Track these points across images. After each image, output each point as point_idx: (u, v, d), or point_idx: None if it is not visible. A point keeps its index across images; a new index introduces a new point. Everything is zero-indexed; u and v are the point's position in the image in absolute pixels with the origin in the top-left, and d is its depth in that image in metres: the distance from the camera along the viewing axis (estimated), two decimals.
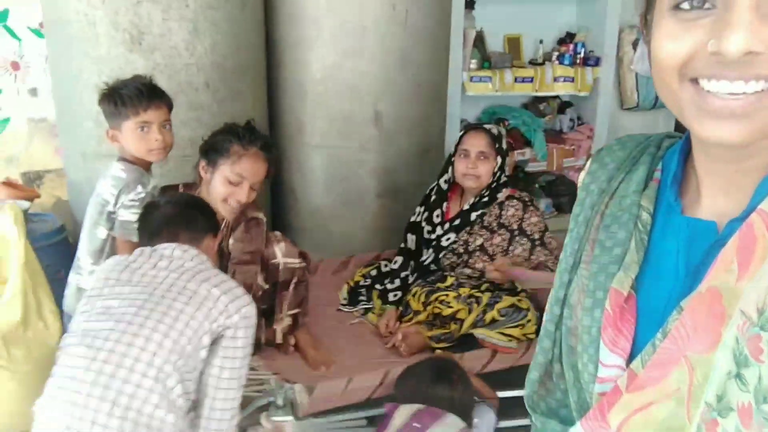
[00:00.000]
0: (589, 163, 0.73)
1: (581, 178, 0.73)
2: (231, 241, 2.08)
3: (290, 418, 1.64)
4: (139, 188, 1.91)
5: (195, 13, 2.43)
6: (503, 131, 2.54)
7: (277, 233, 2.23)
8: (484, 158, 2.38)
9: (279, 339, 2.12)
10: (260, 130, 2.12)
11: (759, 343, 0.49)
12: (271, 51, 2.88)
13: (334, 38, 2.71)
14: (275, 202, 3.11)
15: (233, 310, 1.42)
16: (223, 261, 2.09)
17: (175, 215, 1.57)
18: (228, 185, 1.95)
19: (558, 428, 0.73)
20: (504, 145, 2.44)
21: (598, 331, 0.63)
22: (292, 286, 2.17)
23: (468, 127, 2.56)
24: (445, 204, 2.52)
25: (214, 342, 1.43)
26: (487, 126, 2.49)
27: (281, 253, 2.16)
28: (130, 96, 1.90)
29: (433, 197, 2.55)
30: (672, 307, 0.57)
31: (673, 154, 0.66)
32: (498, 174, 2.41)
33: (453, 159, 2.47)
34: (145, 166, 2.00)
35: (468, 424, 1.66)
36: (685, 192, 0.63)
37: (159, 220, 1.58)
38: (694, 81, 0.52)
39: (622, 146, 0.71)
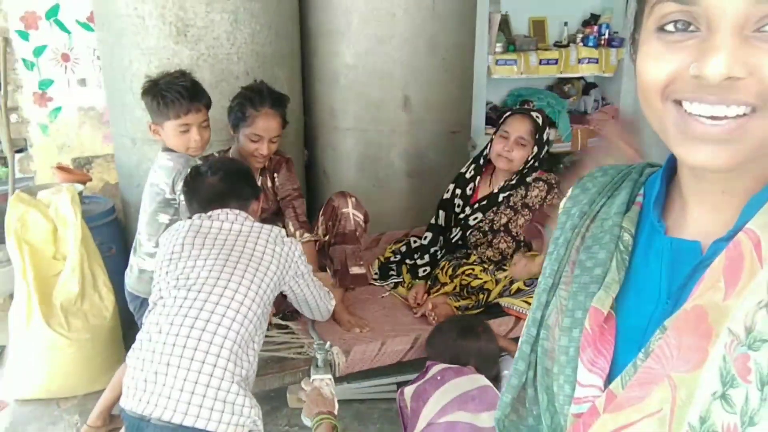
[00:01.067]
0: (571, 189, 0.73)
1: (563, 204, 0.73)
2: (276, 182, 2.43)
3: (329, 376, 1.81)
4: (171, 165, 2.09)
5: (235, 5, 2.59)
6: (549, 123, 2.53)
7: (346, 191, 2.54)
8: (521, 144, 2.41)
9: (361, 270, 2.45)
10: (270, 88, 2.36)
11: (747, 362, 0.48)
12: (305, 40, 3.03)
13: (365, 26, 2.85)
14: (309, 183, 3.28)
15: (291, 256, 1.75)
16: (268, 202, 2.42)
17: (223, 185, 1.77)
18: (250, 143, 2.26)
19: None
20: (545, 137, 2.46)
21: (576, 351, 0.61)
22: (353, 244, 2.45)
23: (515, 110, 2.59)
24: (479, 179, 2.58)
25: (288, 281, 1.79)
26: (533, 113, 2.50)
27: (352, 205, 2.47)
28: (172, 100, 2.06)
29: (469, 174, 2.60)
30: (654, 328, 0.56)
31: (655, 179, 0.65)
32: (531, 162, 2.45)
33: (493, 138, 2.51)
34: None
35: (495, 376, 1.82)
36: (669, 214, 0.63)
37: (209, 190, 1.79)
38: (677, 102, 0.52)
39: (603, 173, 0.71)
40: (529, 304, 0.72)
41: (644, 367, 0.54)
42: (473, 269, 2.41)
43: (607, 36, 4.22)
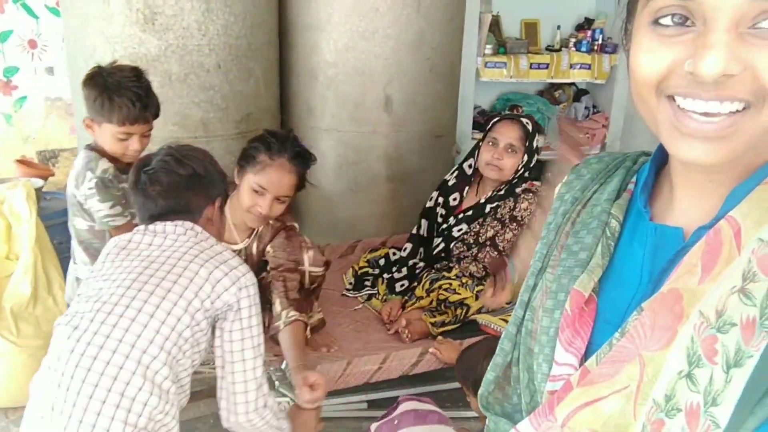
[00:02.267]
0: (567, 175, 0.74)
1: (557, 189, 0.74)
2: (269, 249, 2.03)
3: (287, 399, 1.66)
4: (89, 174, 1.85)
5: None
6: (540, 130, 2.42)
7: (306, 240, 2.17)
8: (511, 151, 2.29)
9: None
10: (297, 141, 2.00)
11: (714, 344, 0.50)
12: (284, 33, 2.88)
13: (347, 20, 2.70)
14: None
15: (229, 284, 1.38)
16: (250, 266, 2.00)
17: (163, 202, 1.49)
18: (252, 194, 1.89)
19: (508, 426, 0.72)
20: (536, 143, 2.34)
21: (556, 331, 0.63)
22: (314, 295, 2.18)
23: (503, 115, 2.46)
24: (466, 189, 2.44)
25: (221, 318, 1.40)
26: (523, 119, 2.38)
27: (309, 262, 2.10)
28: (120, 105, 1.81)
29: (452, 181, 2.48)
30: (633, 310, 0.57)
31: (646, 167, 0.66)
32: (521, 171, 2.33)
33: (480, 145, 2.39)
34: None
35: None
36: (657, 200, 0.64)
37: (148, 206, 1.50)
38: (671, 98, 0.53)
39: (599, 160, 0.73)
40: (507, 322, 0.72)
41: (618, 346, 0.56)
42: (451, 283, 2.27)
43: (600, 41, 4.10)
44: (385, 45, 2.72)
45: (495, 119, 2.41)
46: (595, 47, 4.09)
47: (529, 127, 2.33)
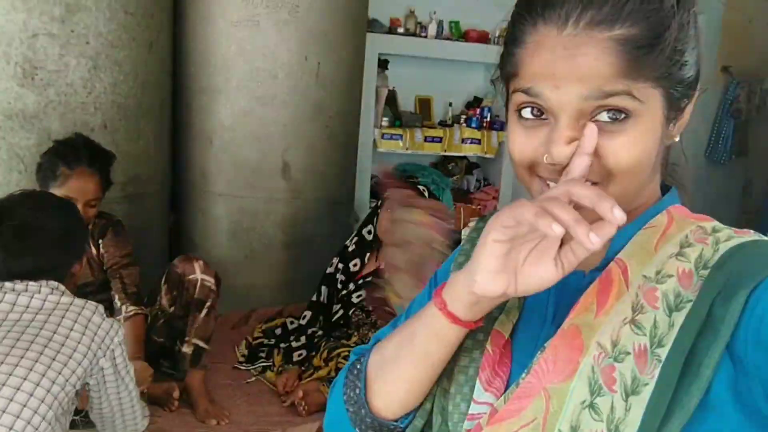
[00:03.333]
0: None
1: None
2: (102, 249, 2.09)
3: None
4: None
5: (96, 50, 2.32)
6: (430, 187, 2.49)
7: (190, 254, 2.21)
8: None
9: (186, 366, 2.05)
10: (91, 143, 2.07)
11: (612, 373, 0.53)
12: (178, 95, 2.80)
13: (245, 85, 2.68)
14: (174, 251, 2.96)
15: (107, 342, 1.37)
16: (94, 273, 2.09)
17: (33, 251, 1.36)
18: None
19: None
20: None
21: (475, 371, 0.64)
22: (204, 312, 2.09)
23: (400, 184, 2.50)
24: (367, 255, 2.44)
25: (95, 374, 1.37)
26: (420, 186, 2.42)
27: (200, 270, 2.12)
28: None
29: (352, 247, 2.47)
30: (539, 349, 0.60)
31: None
32: None
33: (379, 212, 2.41)
34: None
35: None
36: None
37: (13, 260, 1.36)
38: (541, 177, 0.60)
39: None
40: None
41: (524, 382, 0.58)
42: (349, 351, 2.19)
43: (489, 119, 4.35)
44: (284, 110, 2.72)
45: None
46: (485, 124, 4.33)
47: (426, 194, 2.39)
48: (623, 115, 0.55)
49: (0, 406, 1.17)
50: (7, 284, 1.34)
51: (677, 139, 0.61)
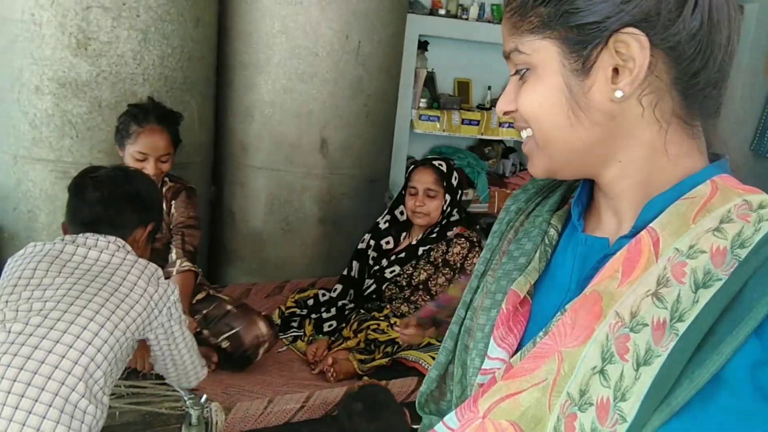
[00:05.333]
0: (515, 192, 0.81)
1: (506, 203, 0.80)
2: (172, 209, 2.23)
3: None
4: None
5: (146, 23, 2.41)
6: (454, 166, 2.51)
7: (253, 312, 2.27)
8: (431, 195, 2.37)
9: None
10: (160, 105, 2.22)
11: (626, 342, 0.53)
12: (222, 70, 2.88)
13: (286, 62, 2.74)
14: (214, 222, 3.06)
15: (164, 300, 1.48)
16: (161, 231, 2.18)
17: (100, 209, 1.51)
18: (137, 163, 2.08)
19: (436, 420, 0.74)
20: (454, 181, 2.43)
21: (491, 328, 0.67)
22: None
23: (416, 163, 2.55)
24: (403, 235, 2.50)
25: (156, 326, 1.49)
26: (435, 161, 2.46)
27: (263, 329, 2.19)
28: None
29: (384, 225, 2.53)
30: (559, 311, 0.61)
31: (583, 184, 0.72)
32: (448, 210, 2.40)
33: (403, 193, 2.47)
34: None
35: None
36: (592, 215, 0.69)
37: (84, 211, 1.52)
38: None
39: (544, 179, 0.79)
40: (434, 359, 0.76)
41: (541, 343, 0.59)
42: (379, 324, 2.25)
43: None
44: (324, 88, 2.77)
45: (411, 169, 2.51)
46: None
47: (443, 168, 2.43)
48: (523, 69, 0.62)
49: (68, 341, 1.30)
50: (79, 238, 1.48)
51: (623, 92, 0.57)
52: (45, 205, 2.51)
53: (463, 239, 2.37)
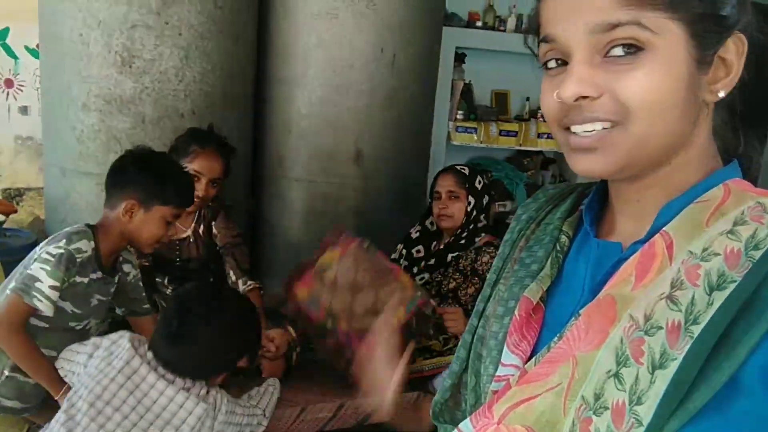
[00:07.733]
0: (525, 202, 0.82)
1: (516, 213, 0.81)
2: (214, 230, 2.33)
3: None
4: (63, 242, 1.72)
5: (187, 41, 2.49)
6: (479, 171, 2.55)
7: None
8: (453, 198, 2.43)
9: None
10: (219, 134, 2.34)
11: (641, 345, 0.52)
12: (259, 85, 2.95)
13: (322, 75, 2.78)
14: (254, 234, 3.11)
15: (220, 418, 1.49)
16: (198, 250, 2.32)
17: (173, 353, 1.50)
18: None
19: (451, 429, 0.75)
20: (478, 185, 2.46)
21: (504, 335, 0.67)
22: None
23: (440, 171, 2.61)
24: (434, 243, 2.53)
25: None
26: (458, 166, 2.53)
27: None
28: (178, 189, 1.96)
29: (415, 235, 2.58)
30: (573, 316, 0.61)
31: (595, 190, 0.72)
32: (474, 214, 2.42)
33: (431, 203, 2.53)
34: None
35: None
36: (603, 220, 0.69)
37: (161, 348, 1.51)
38: (568, 128, 0.61)
39: (555, 187, 0.80)
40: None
41: (555, 348, 0.59)
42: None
43: None
44: (359, 99, 2.80)
45: (435, 176, 2.57)
46: None
47: (465, 171, 2.48)
48: (635, 48, 0.54)
49: None
50: (159, 368, 1.46)
51: (722, 95, 0.58)
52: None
53: (492, 248, 2.37)
